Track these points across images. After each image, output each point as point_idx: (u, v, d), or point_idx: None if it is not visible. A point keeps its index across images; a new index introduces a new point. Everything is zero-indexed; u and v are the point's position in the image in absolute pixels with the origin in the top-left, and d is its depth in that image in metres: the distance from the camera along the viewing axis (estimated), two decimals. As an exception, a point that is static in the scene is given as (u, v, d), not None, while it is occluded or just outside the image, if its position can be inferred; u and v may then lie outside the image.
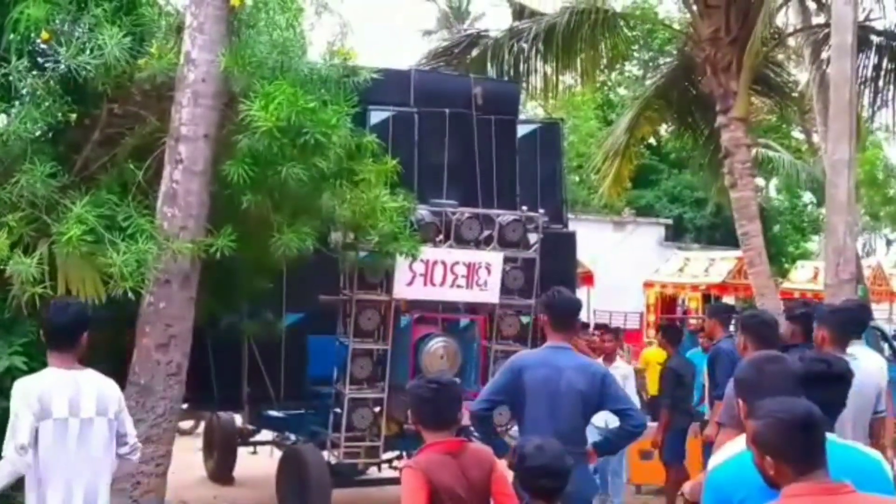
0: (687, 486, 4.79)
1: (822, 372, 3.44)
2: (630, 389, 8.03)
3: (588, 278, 17.40)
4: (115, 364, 6.27)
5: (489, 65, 13.29)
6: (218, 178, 5.98)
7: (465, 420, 7.92)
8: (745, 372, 3.37)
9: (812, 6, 14.47)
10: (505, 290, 8.08)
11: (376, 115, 8.46)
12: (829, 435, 2.97)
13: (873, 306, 17.67)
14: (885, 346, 14.70)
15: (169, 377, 6.02)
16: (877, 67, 12.53)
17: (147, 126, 6.28)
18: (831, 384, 3.40)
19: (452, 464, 3.90)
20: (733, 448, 3.30)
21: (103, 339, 6.69)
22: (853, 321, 5.85)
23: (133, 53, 5.91)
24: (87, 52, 5.69)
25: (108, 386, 4.41)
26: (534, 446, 3.91)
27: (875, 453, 3.39)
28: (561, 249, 9.21)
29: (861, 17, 11.06)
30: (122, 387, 6.06)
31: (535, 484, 3.84)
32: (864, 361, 5.92)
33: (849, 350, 5.99)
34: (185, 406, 7.70)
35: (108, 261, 5.32)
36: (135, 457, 4.57)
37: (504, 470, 4.06)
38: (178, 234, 5.87)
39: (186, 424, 11.78)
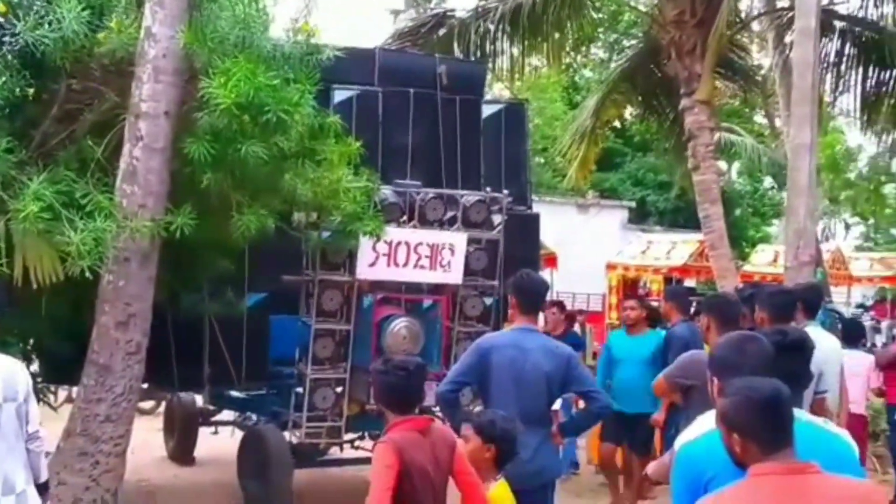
0: (651, 467, 4.83)
1: (778, 342, 3.45)
2: None
3: (551, 260, 17.43)
4: (76, 342, 6.23)
5: (455, 45, 13.24)
6: (178, 156, 5.92)
7: (430, 401, 7.97)
8: (724, 350, 3.36)
9: (776, -10, 14.58)
10: (468, 271, 8.06)
11: (340, 94, 8.37)
12: (797, 413, 2.98)
13: (832, 290, 17.93)
14: (839, 327, 14.87)
15: (128, 356, 5.96)
16: (839, 52, 12.65)
17: (106, 102, 6.18)
18: (788, 354, 3.41)
19: (423, 441, 3.93)
20: (704, 425, 3.31)
21: (63, 318, 6.67)
22: (792, 303, 5.93)
23: (92, 27, 5.82)
24: (46, 25, 5.60)
25: (16, 370, 4.31)
26: (510, 420, 4.23)
27: (842, 432, 3.41)
28: (525, 231, 9.21)
29: (825, 2, 11.14)
30: (82, 365, 6.04)
31: (512, 454, 4.20)
32: (818, 343, 6.00)
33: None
34: (145, 386, 7.63)
35: (66, 238, 5.24)
36: (40, 448, 4.42)
37: (462, 449, 4.09)
38: (137, 212, 5.80)
39: (147, 405, 11.70)
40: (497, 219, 8.23)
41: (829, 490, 2.67)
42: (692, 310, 8.94)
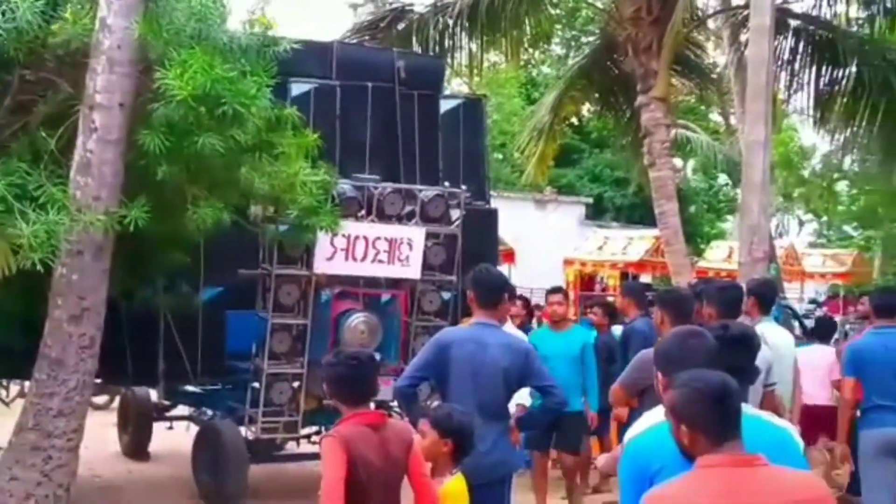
0: (601, 459, 4.86)
1: (718, 336, 3.49)
2: None
3: (509, 255, 17.52)
4: (28, 336, 6.14)
5: (414, 39, 13.23)
6: (133, 148, 5.85)
7: (385, 395, 7.97)
8: (667, 345, 3.40)
9: (732, -11, 14.73)
10: (426, 265, 8.07)
11: (297, 88, 8.33)
12: (743, 407, 3.03)
13: (785, 286, 18.18)
14: (796, 324, 15.12)
15: (82, 350, 5.89)
16: (793, 50, 12.80)
17: (60, 93, 6.11)
18: (731, 348, 3.45)
19: (373, 437, 3.89)
20: (651, 419, 3.34)
21: (15, 311, 6.57)
22: (739, 298, 6.00)
23: (46, 18, 5.75)
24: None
25: None
26: (466, 413, 4.23)
27: (787, 425, 3.46)
28: (483, 226, 9.23)
29: (779, 0, 11.28)
30: (35, 360, 5.96)
31: (469, 448, 4.23)
32: (770, 337, 6.10)
33: (758, 327, 6.16)
34: (98, 381, 7.55)
35: (18, 231, 5.16)
36: None
37: (419, 445, 4.07)
38: (91, 205, 5.73)
39: (101, 399, 11.56)
40: (455, 214, 8.24)
41: (775, 482, 2.72)
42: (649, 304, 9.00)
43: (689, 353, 3.23)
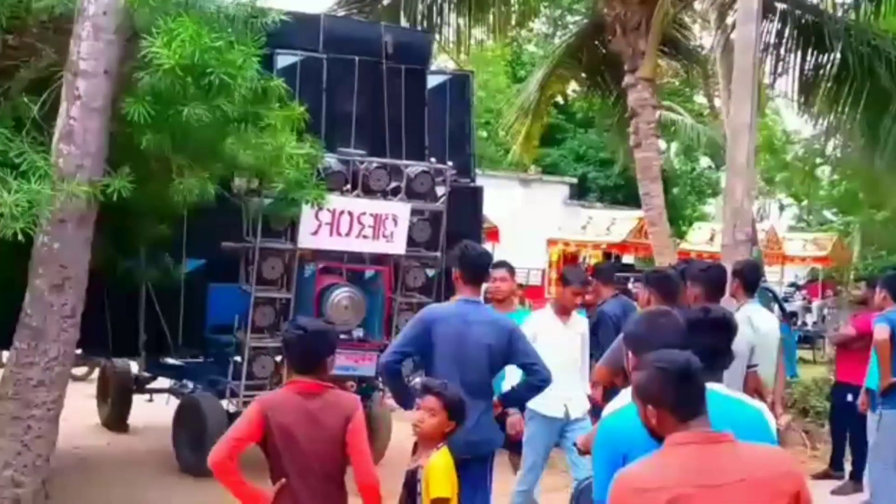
0: (581, 438, 4.88)
1: (698, 319, 3.53)
2: None
3: (493, 234, 17.50)
4: (9, 305, 6.07)
5: (402, 14, 13.14)
6: (117, 117, 5.78)
7: (368, 371, 7.95)
8: (636, 326, 3.45)
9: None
10: (411, 242, 8.06)
11: (283, 60, 8.25)
12: (713, 386, 3.06)
13: (766, 269, 18.28)
14: (776, 306, 15.22)
15: (63, 319, 5.83)
16: (780, 34, 12.79)
17: (44, 59, 6.02)
18: (710, 330, 3.48)
19: (301, 405, 3.87)
20: (626, 398, 3.36)
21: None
22: (724, 279, 6.04)
23: (30, -18, 5.65)
24: (-20, -22, 5.41)
25: None
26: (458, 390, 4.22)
27: (757, 404, 3.50)
28: (468, 203, 9.21)
29: (768, -17, 11.27)
30: (15, 329, 5.90)
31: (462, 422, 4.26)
32: (755, 319, 6.14)
33: (743, 309, 6.20)
34: (78, 352, 7.50)
35: (-1, 199, 5.10)
36: None
37: (363, 421, 3.98)
38: (74, 173, 5.65)
39: (80, 371, 11.51)
40: (441, 190, 8.23)
41: (743, 457, 2.76)
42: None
43: (659, 333, 3.26)
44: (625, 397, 3.43)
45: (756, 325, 6.08)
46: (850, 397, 8.30)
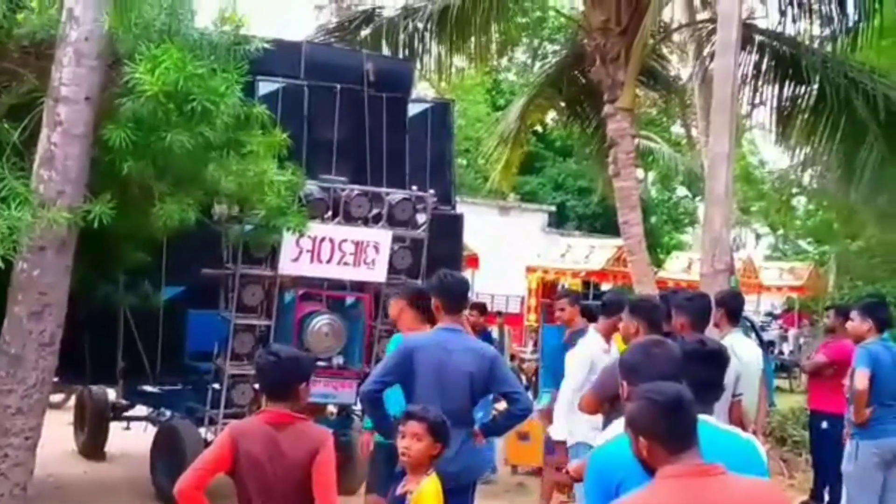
0: (573, 464, 4.87)
1: (695, 350, 3.53)
2: None
3: (473, 260, 17.53)
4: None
5: (384, 42, 13.19)
6: (98, 143, 5.76)
7: (347, 399, 7.91)
8: (632, 356, 3.44)
9: (697, 2, 14.87)
10: (392, 269, 8.05)
11: (265, 87, 8.27)
12: (705, 418, 3.06)
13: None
14: (753, 335, 15.29)
15: (41, 347, 5.79)
16: (757, 65, 12.91)
17: (25, 85, 6.01)
18: (705, 362, 3.49)
19: (270, 435, 3.84)
20: (617, 429, 3.36)
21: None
22: (709, 308, 6.07)
23: (11, 8, 5.66)
24: (-38, 3, 5.40)
25: None
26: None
27: (750, 437, 3.50)
28: (449, 231, 9.23)
29: (745, 15, 11.39)
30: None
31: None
32: (738, 349, 6.16)
33: (727, 339, 6.22)
34: (55, 379, 7.43)
35: (-23, 225, 5.06)
36: None
37: (331, 456, 3.92)
38: (55, 199, 5.63)
39: (57, 398, 11.38)
40: (422, 218, 8.24)
41: (734, 491, 2.76)
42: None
43: (654, 363, 3.26)
44: (617, 427, 3.43)
45: (739, 354, 6.10)
46: (825, 425, 8.34)
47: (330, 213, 7.88)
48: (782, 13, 12.66)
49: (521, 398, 5.30)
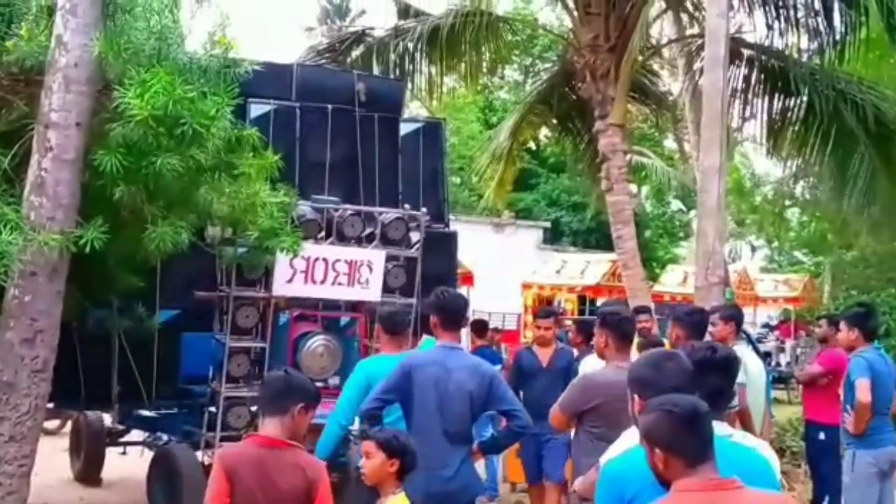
0: (578, 482, 4.85)
1: (706, 358, 3.50)
2: None
3: (468, 278, 17.53)
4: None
5: (374, 63, 13.24)
6: (89, 168, 5.76)
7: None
8: (642, 368, 3.41)
9: (686, 18, 14.94)
10: (386, 288, 8.05)
11: (257, 109, 8.30)
12: (717, 426, 3.02)
13: (739, 310, 18.34)
14: (750, 347, 15.25)
15: (34, 374, 5.76)
16: (746, 79, 12.98)
17: (14, 111, 6.00)
18: (717, 370, 3.47)
19: (262, 459, 3.83)
20: (627, 442, 3.34)
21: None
22: (705, 322, 6.09)
23: (1, 34, 5.64)
24: (-49, 31, 5.41)
25: None
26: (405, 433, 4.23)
27: (759, 446, 3.48)
28: (442, 249, 9.24)
29: (733, 30, 11.45)
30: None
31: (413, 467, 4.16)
32: (744, 361, 6.18)
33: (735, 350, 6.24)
34: (50, 405, 7.40)
35: (-30, 251, 5.05)
36: None
37: (328, 490, 3.92)
38: (46, 225, 5.62)
39: (52, 424, 11.33)
40: (415, 236, 8.24)
41: None
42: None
43: (665, 377, 3.23)
44: (624, 442, 3.41)
45: (744, 366, 6.14)
46: (822, 435, 8.33)
47: (323, 233, 7.88)
48: (769, 27, 12.75)
49: (520, 415, 5.30)
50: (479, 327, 10.96)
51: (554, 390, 6.03)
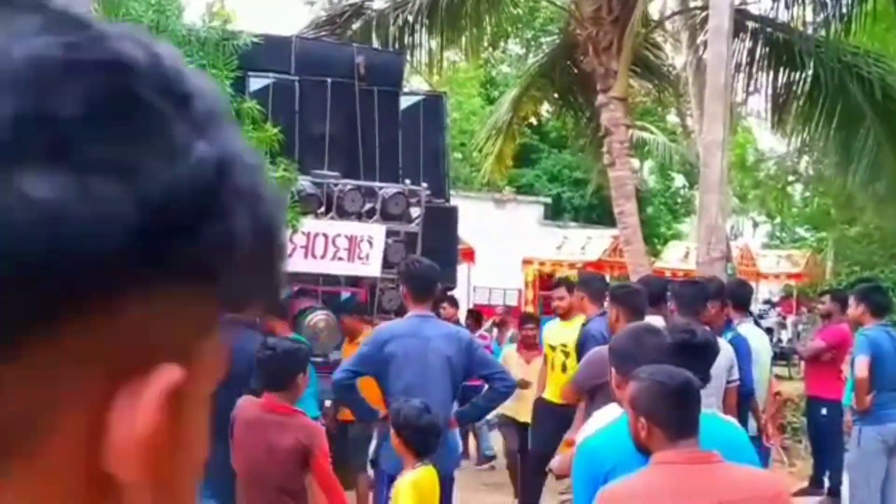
0: (555, 461, 4.84)
1: (685, 341, 3.51)
2: None
3: (469, 254, 17.47)
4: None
5: (374, 36, 13.14)
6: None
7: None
8: (622, 342, 3.42)
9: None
10: (387, 263, 8.01)
11: (256, 82, 8.21)
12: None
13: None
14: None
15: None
16: (751, 52, 12.88)
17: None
18: (691, 354, 3.46)
19: (262, 422, 4.03)
20: (604, 418, 3.34)
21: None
22: (701, 296, 6.05)
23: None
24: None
25: None
26: (415, 407, 4.14)
27: (733, 421, 3.50)
28: (443, 224, 9.18)
29: (738, 2, 11.36)
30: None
31: (425, 441, 4.10)
32: (751, 339, 6.20)
33: (741, 328, 6.24)
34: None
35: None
36: None
37: (324, 446, 4.07)
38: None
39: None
40: (415, 211, 8.20)
41: (730, 479, 2.75)
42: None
43: (644, 350, 3.24)
44: (599, 419, 3.40)
45: (751, 343, 6.14)
46: (823, 411, 8.32)
47: (323, 208, 7.83)
48: (775, -1, 12.63)
49: (504, 376, 5.32)
50: (477, 317, 10.98)
51: None
